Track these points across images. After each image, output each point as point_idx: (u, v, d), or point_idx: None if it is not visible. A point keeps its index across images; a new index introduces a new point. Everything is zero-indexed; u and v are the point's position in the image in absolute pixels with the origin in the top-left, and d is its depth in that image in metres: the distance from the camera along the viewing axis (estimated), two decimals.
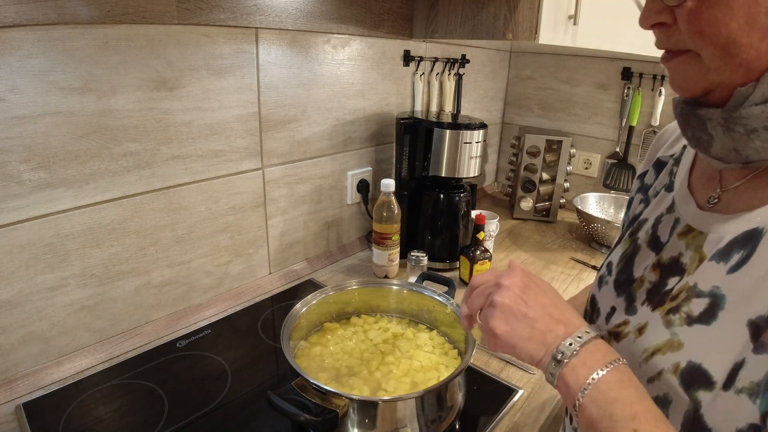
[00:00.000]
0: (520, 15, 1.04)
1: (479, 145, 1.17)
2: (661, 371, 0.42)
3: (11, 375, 0.75)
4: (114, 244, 0.82)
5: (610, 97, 1.65)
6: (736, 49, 0.36)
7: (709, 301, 0.40)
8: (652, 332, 0.44)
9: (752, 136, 0.37)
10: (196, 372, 0.81)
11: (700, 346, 0.40)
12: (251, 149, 0.99)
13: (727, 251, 0.41)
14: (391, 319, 0.90)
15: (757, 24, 0.35)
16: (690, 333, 0.41)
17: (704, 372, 0.39)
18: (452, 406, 0.69)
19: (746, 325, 0.37)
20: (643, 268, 0.50)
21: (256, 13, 0.91)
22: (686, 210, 0.48)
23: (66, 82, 0.70)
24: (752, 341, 0.36)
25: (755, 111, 0.37)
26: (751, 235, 0.39)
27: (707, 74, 0.39)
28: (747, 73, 0.37)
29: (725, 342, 0.38)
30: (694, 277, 0.43)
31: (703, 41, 0.37)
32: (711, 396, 0.38)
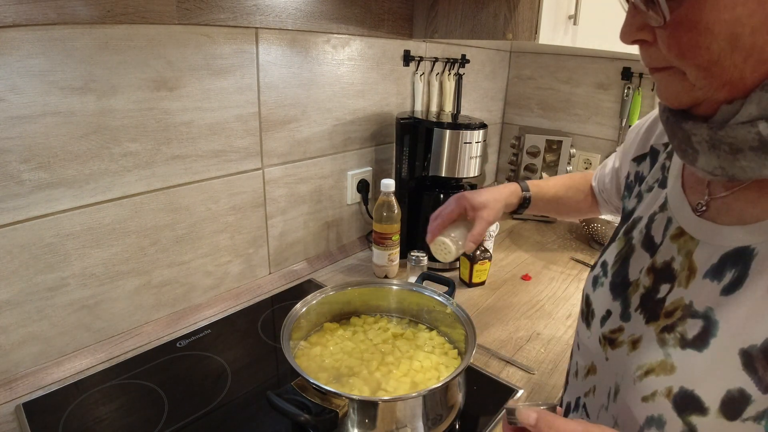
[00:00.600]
0: (520, 15, 1.04)
1: (479, 145, 1.17)
2: (654, 392, 0.42)
3: (11, 375, 0.75)
4: (114, 244, 0.82)
5: (610, 97, 1.65)
6: (719, 70, 0.35)
7: (702, 324, 0.40)
8: (646, 349, 0.44)
9: (738, 156, 0.37)
10: (196, 372, 0.81)
11: (692, 373, 0.40)
12: (251, 149, 0.99)
13: (720, 269, 0.40)
14: (391, 319, 0.90)
15: (740, 44, 0.34)
16: (683, 357, 0.41)
17: (697, 398, 0.39)
18: (452, 406, 0.69)
19: (738, 353, 0.37)
20: (639, 270, 0.50)
21: (256, 13, 0.91)
22: (679, 212, 0.47)
23: (66, 82, 0.70)
24: (746, 370, 0.36)
25: (741, 131, 0.36)
26: (741, 253, 0.39)
27: (692, 90, 0.38)
28: (732, 91, 0.36)
29: (717, 370, 0.38)
30: (689, 293, 0.43)
31: (684, 63, 0.37)
32: (706, 421, 0.38)
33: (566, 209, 0.89)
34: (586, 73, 1.68)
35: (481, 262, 1.11)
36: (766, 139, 0.35)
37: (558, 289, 1.16)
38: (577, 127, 1.75)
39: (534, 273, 1.23)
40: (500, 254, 1.35)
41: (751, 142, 0.35)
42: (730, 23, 0.33)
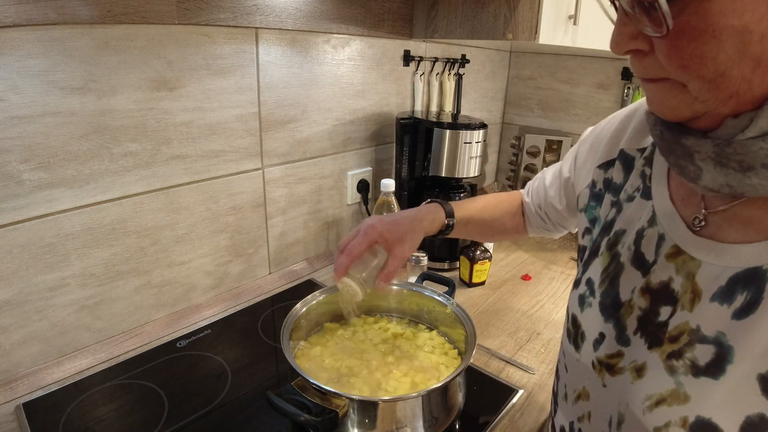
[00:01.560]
0: (520, 15, 1.04)
1: (479, 145, 1.17)
2: (668, 423, 0.40)
3: (11, 375, 0.75)
4: (114, 244, 0.82)
5: (610, 97, 1.65)
6: (726, 82, 0.32)
7: (714, 350, 0.38)
8: (653, 378, 0.42)
9: (749, 173, 0.34)
10: (196, 372, 0.81)
11: (709, 401, 0.37)
12: (251, 149, 0.99)
13: (729, 292, 0.37)
14: (391, 319, 0.90)
15: (749, 53, 0.31)
16: (697, 385, 0.38)
17: (715, 426, 0.37)
18: (452, 406, 0.69)
19: (756, 379, 0.35)
20: (630, 290, 0.47)
21: (256, 13, 0.91)
22: (672, 228, 0.44)
23: (66, 82, 0.70)
24: (764, 394, 0.34)
25: (753, 147, 0.33)
26: (753, 274, 0.36)
27: (692, 104, 0.35)
28: (738, 105, 0.33)
29: (736, 397, 0.36)
30: (695, 317, 0.40)
31: (686, 75, 0.34)
32: None
33: (492, 231, 0.82)
34: (586, 73, 1.68)
35: (481, 262, 1.11)
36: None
37: (558, 289, 1.16)
38: (577, 127, 1.74)
39: (534, 273, 1.23)
40: (500, 254, 1.34)
41: (763, 158, 0.33)
42: (738, 30, 0.30)
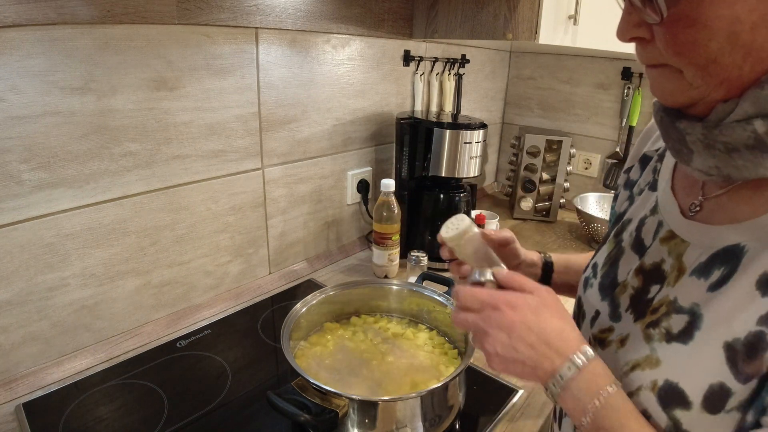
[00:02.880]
0: (520, 15, 1.04)
1: (479, 145, 1.17)
2: (639, 387, 0.42)
3: (11, 375, 0.75)
4: (114, 244, 0.82)
5: (610, 97, 1.65)
6: (718, 69, 0.35)
7: (687, 318, 0.40)
8: (632, 345, 0.44)
9: (733, 155, 0.36)
10: (196, 372, 0.81)
11: (677, 365, 0.40)
12: (251, 149, 0.99)
13: (707, 267, 0.40)
14: (391, 319, 0.90)
15: (740, 42, 0.33)
16: (668, 351, 0.41)
17: (681, 392, 0.38)
18: (452, 406, 0.69)
19: (722, 347, 0.37)
20: (627, 272, 0.50)
21: (256, 13, 0.91)
22: (669, 215, 0.46)
23: (66, 82, 0.70)
24: (728, 364, 0.36)
25: (737, 130, 0.35)
26: (731, 252, 0.39)
27: (688, 90, 0.37)
28: (729, 91, 0.36)
29: (701, 363, 0.38)
30: (674, 290, 0.42)
31: (681, 61, 0.36)
32: (690, 415, 0.38)
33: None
34: (586, 73, 1.68)
35: None
36: (761, 137, 0.34)
37: None
38: (577, 127, 1.75)
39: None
40: None
41: (746, 140, 0.35)
42: (729, 20, 0.33)
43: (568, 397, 0.42)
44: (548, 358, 0.43)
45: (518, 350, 0.43)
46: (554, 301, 0.47)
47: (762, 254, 0.36)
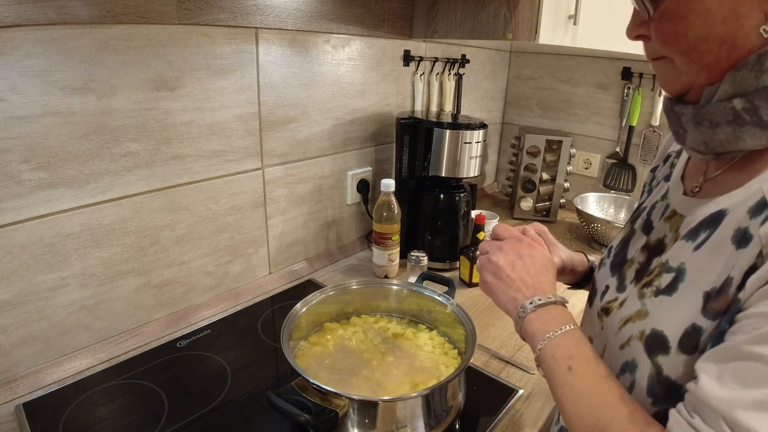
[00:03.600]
0: (520, 15, 1.04)
1: (479, 145, 1.17)
2: (630, 338, 0.47)
3: (11, 375, 0.75)
4: (114, 244, 0.82)
5: (610, 97, 1.65)
6: (697, 55, 0.41)
7: (674, 275, 0.45)
8: (628, 305, 0.50)
9: (717, 129, 0.42)
10: (196, 372, 0.81)
11: (662, 315, 0.44)
12: (251, 149, 0.99)
13: (695, 231, 0.45)
14: (391, 319, 0.90)
15: (714, 32, 0.39)
16: (655, 303, 0.46)
17: (664, 338, 0.43)
18: (452, 406, 0.69)
19: (702, 296, 0.41)
20: (635, 250, 0.55)
21: (256, 13, 0.91)
22: (675, 197, 0.52)
23: (66, 82, 0.70)
24: (703, 311, 0.41)
25: (719, 107, 0.41)
26: (716, 217, 0.43)
27: (680, 77, 0.44)
28: (710, 75, 0.42)
29: (682, 310, 0.42)
30: (667, 254, 0.48)
31: (669, 50, 0.43)
32: (668, 360, 0.42)
33: None
34: (586, 73, 1.68)
35: None
36: (739, 112, 0.40)
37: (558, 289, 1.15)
38: (577, 127, 1.75)
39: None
40: None
41: (726, 116, 0.41)
42: (702, 13, 0.39)
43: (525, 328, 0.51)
44: (532, 288, 0.53)
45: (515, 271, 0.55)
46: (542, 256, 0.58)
47: (738, 214, 0.41)
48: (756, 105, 0.39)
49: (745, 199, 0.41)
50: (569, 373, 0.45)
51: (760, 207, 0.38)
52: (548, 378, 0.48)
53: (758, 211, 0.38)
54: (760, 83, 0.39)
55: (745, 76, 0.39)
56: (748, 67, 0.39)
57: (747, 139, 0.40)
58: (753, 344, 0.34)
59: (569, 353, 0.46)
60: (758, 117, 0.39)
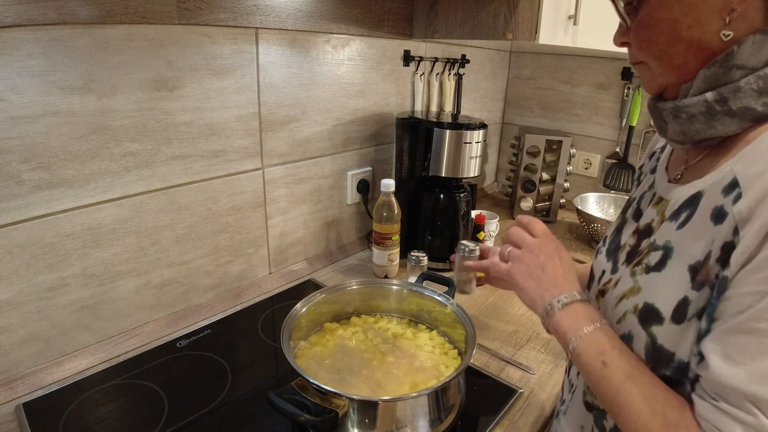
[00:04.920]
0: (520, 15, 1.04)
1: (479, 145, 1.17)
2: (625, 312, 0.51)
3: (11, 375, 0.75)
4: (114, 244, 0.82)
5: (610, 97, 1.65)
6: (668, 58, 0.47)
7: (662, 253, 0.49)
8: (622, 283, 0.54)
9: (692, 120, 0.47)
10: (196, 372, 0.81)
11: (653, 289, 0.48)
12: (251, 149, 0.99)
13: (678, 212, 0.49)
14: (391, 319, 0.90)
15: (681, 37, 0.45)
16: (647, 279, 0.50)
17: (656, 310, 0.47)
18: (452, 406, 0.69)
19: (687, 269, 0.45)
20: (627, 235, 0.59)
21: (256, 13, 0.91)
22: (660, 185, 0.56)
23: (66, 82, 0.70)
24: (691, 282, 0.44)
25: (693, 101, 0.46)
26: (694, 198, 0.47)
27: (656, 77, 0.50)
28: (681, 74, 0.48)
29: (671, 284, 0.46)
30: (654, 235, 0.52)
31: (644, 55, 0.49)
32: (662, 330, 0.46)
33: None
34: (586, 73, 1.68)
35: None
36: (711, 104, 0.45)
37: None
38: (577, 127, 1.75)
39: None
40: None
41: (700, 108, 0.46)
42: (670, 22, 0.45)
43: (555, 326, 0.54)
44: (559, 287, 0.56)
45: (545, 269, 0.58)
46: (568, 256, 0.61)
47: (713, 194, 0.45)
48: (725, 97, 0.44)
49: (718, 180, 0.45)
50: (605, 368, 0.48)
51: (732, 186, 0.43)
52: (585, 374, 0.50)
53: (730, 190, 0.43)
54: (728, 78, 0.44)
55: (715, 73, 0.45)
56: (717, 65, 0.44)
57: (719, 126, 0.45)
58: (752, 321, 0.38)
59: (601, 349, 0.49)
60: (728, 107, 0.44)
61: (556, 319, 0.54)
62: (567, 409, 0.64)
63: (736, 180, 0.42)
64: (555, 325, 0.54)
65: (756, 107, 0.43)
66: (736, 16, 0.43)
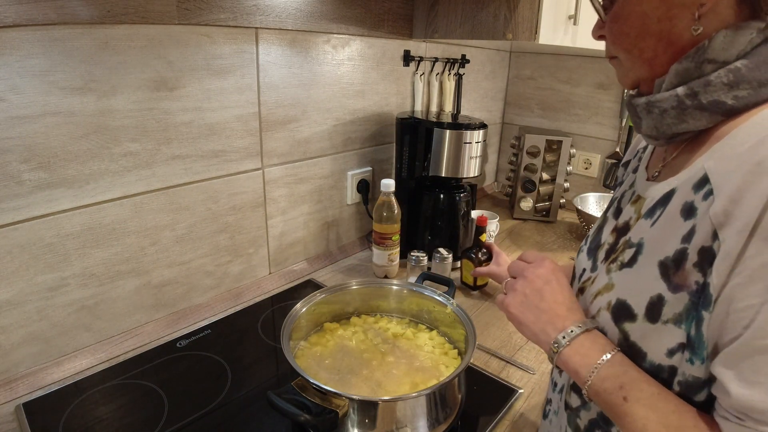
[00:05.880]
0: (520, 15, 1.04)
1: (479, 145, 1.17)
2: (599, 309, 0.50)
3: (11, 375, 0.75)
4: (114, 244, 0.82)
5: (610, 97, 1.65)
6: (638, 51, 0.48)
7: (635, 250, 0.49)
8: (598, 280, 0.53)
9: (664, 115, 0.47)
10: (196, 372, 0.81)
11: (625, 285, 0.48)
12: (251, 149, 0.99)
13: (653, 210, 0.49)
14: (391, 319, 0.90)
15: (650, 31, 0.46)
16: (619, 276, 0.49)
17: (628, 307, 0.46)
18: (452, 406, 0.69)
19: (657, 265, 0.44)
20: (607, 233, 0.58)
21: (256, 13, 0.91)
22: (639, 183, 0.56)
23: (66, 82, 0.70)
24: (662, 278, 0.43)
25: (665, 95, 0.46)
26: (668, 195, 0.47)
27: (628, 72, 0.51)
28: (652, 69, 0.48)
29: (642, 280, 0.46)
30: (630, 233, 0.51)
31: (617, 48, 0.50)
32: (635, 327, 0.45)
33: None
34: (586, 73, 1.68)
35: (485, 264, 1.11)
36: (682, 98, 0.45)
37: None
38: (577, 127, 1.75)
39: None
40: None
41: (672, 102, 0.46)
42: (640, 15, 0.46)
43: (564, 363, 0.50)
44: (562, 317, 0.52)
45: (544, 299, 0.54)
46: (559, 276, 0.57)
47: (684, 190, 0.45)
48: (696, 91, 0.44)
49: (690, 177, 0.45)
50: (626, 404, 0.45)
51: (702, 182, 0.43)
52: (605, 410, 0.47)
53: (700, 186, 0.43)
54: (699, 72, 0.44)
55: (687, 67, 0.45)
56: (689, 59, 0.44)
57: (690, 121, 0.45)
58: (759, 339, 0.37)
59: (619, 383, 0.45)
60: (698, 101, 0.44)
61: (565, 357, 0.50)
62: (558, 409, 0.63)
63: (707, 176, 0.42)
64: (564, 363, 0.50)
65: (726, 101, 0.43)
66: (706, 11, 0.43)
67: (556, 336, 0.51)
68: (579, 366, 0.48)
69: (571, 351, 0.49)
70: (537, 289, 0.55)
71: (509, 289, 0.58)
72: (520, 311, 0.55)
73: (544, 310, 0.53)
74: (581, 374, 0.48)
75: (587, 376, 0.47)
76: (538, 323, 0.53)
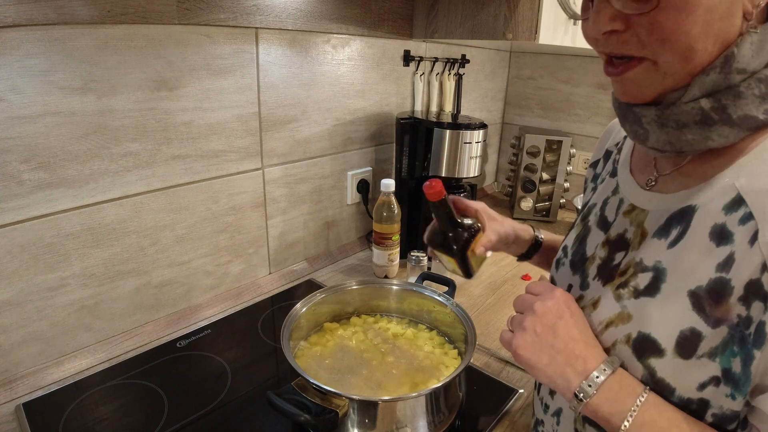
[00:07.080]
0: (520, 15, 1.04)
1: (479, 145, 1.17)
2: (615, 342, 0.45)
3: (11, 375, 0.75)
4: (114, 244, 0.82)
5: (609, 97, 1.64)
6: (693, 54, 0.38)
7: (652, 275, 0.44)
8: (605, 306, 0.48)
9: (684, 130, 0.41)
10: (196, 372, 0.81)
11: (646, 317, 0.43)
12: (251, 149, 0.99)
13: (666, 228, 0.44)
14: (391, 319, 0.90)
15: (712, 29, 0.37)
16: (637, 305, 0.44)
17: (653, 341, 0.42)
18: (452, 406, 0.69)
19: (687, 295, 0.40)
20: (594, 246, 0.54)
21: (256, 13, 0.91)
22: (629, 191, 0.51)
23: (66, 82, 0.70)
24: (695, 311, 0.39)
25: (686, 108, 0.40)
26: (685, 212, 0.43)
27: (663, 80, 0.41)
28: (688, 77, 0.40)
29: (669, 313, 0.41)
30: (639, 253, 0.46)
31: (663, 48, 0.38)
32: (663, 363, 0.41)
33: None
34: (586, 73, 1.68)
35: None
36: (707, 112, 0.39)
37: None
38: (577, 127, 1.75)
39: (534, 273, 1.23)
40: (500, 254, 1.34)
41: (695, 116, 0.40)
42: (707, 8, 0.36)
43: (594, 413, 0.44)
44: (581, 358, 0.45)
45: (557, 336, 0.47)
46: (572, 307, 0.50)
47: (710, 210, 0.40)
48: (724, 104, 0.39)
49: (716, 195, 0.41)
50: None
51: (735, 203, 0.39)
52: None
53: (733, 208, 0.39)
54: (728, 82, 0.38)
55: (714, 79, 0.39)
56: (716, 70, 0.38)
57: (715, 137, 0.40)
58: None
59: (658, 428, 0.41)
60: (727, 115, 0.39)
61: (594, 407, 0.43)
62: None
63: (741, 197, 0.38)
64: (593, 412, 0.44)
65: (758, 115, 0.38)
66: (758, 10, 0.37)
67: (580, 383, 0.44)
68: (610, 415, 0.43)
69: (600, 399, 0.43)
70: (549, 326, 0.48)
71: (516, 327, 0.50)
72: (531, 353, 0.48)
73: (560, 349, 0.46)
74: (613, 423, 0.43)
75: (620, 424, 0.42)
76: (554, 366, 0.46)
